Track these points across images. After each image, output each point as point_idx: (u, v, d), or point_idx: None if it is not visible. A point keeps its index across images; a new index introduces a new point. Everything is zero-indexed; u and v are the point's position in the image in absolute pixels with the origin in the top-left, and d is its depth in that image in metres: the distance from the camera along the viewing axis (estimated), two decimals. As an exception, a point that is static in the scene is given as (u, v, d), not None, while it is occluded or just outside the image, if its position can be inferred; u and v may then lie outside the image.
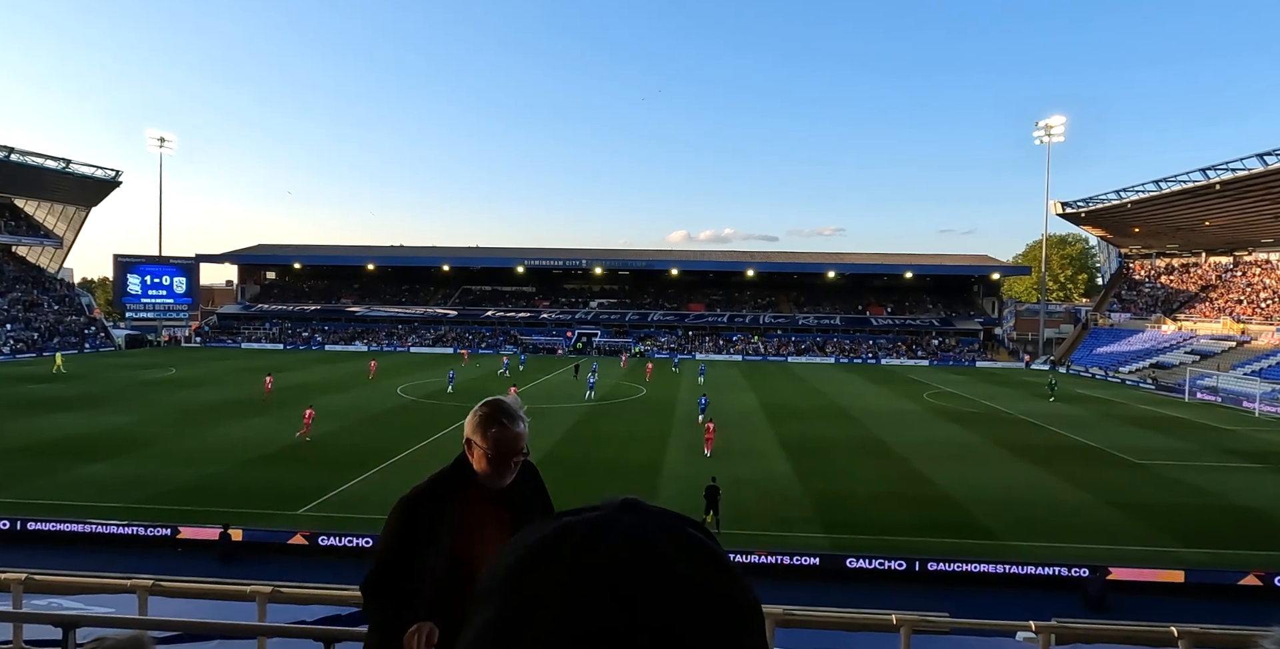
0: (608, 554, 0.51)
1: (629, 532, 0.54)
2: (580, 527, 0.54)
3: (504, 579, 0.53)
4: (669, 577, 0.51)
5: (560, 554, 0.52)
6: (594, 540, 0.53)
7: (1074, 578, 15.77)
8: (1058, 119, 71.69)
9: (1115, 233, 72.85)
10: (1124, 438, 30.98)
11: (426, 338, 73.11)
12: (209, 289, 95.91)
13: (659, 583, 0.50)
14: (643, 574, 0.50)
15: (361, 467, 23.44)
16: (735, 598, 0.53)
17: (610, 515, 0.56)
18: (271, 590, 4.62)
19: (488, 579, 0.54)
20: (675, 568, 0.51)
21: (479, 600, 0.53)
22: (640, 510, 0.57)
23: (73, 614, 2.82)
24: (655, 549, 0.52)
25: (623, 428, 30.90)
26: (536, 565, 0.52)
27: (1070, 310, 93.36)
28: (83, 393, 38.07)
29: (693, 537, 0.56)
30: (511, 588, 0.51)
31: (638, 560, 0.51)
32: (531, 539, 0.55)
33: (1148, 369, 54.81)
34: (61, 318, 66.63)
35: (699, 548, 0.54)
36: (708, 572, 0.53)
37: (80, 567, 9.82)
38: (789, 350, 70.35)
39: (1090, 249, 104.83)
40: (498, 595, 0.52)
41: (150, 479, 21.74)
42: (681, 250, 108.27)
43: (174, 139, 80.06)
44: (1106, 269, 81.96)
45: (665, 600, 0.49)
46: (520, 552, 0.54)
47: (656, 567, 0.51)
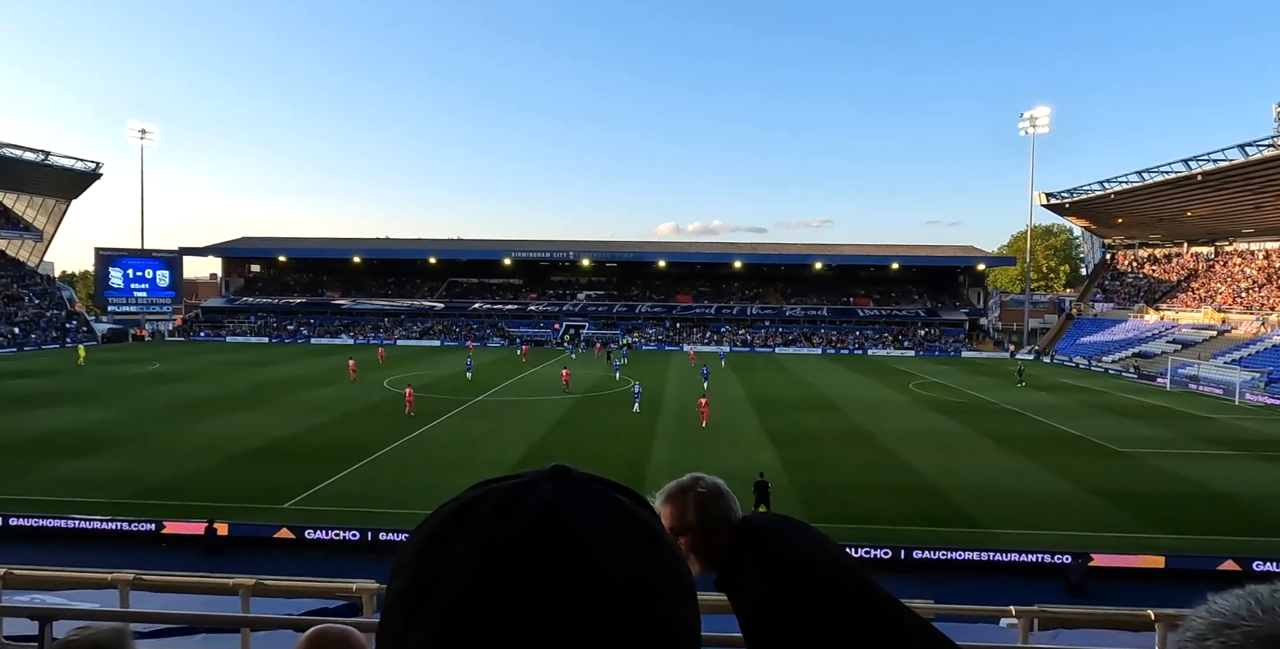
0: (518, 523, 0.51)
1: (545, 499, 0.53)
2: (496, 494, 0.54)
3: (416, 549, 0.53)
4: (578, 545, 0.49)
5: (470, 523, 0.52)
6: (506, 508, 0.52)
7: (1056, 565, 15.97)
8: (1042, 110, 72.03)
9: (1099, 223, 73.41)
10: (1106, 426, 31.32)
11: (413, 331, 72.79)
12: (193, 282, 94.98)
13: (567, 552, 0.49)
14: (551, 543, 0.49)
15: (347, 461, 23.37)
16: (652, 568, 0.51)
17: (530, 482, 0.55)
18: (255, 583, 4.61)
19: (404, 549, 0.54)
20: (587, 536, 0.50)
21: (395, 571, 0.53)
22: (566, 478, 0.56)
23: (49, 608, 2.81)
24: (569, 517, 0.51)
25: (609, 421, 30.94)
26: (447, 534, 0.52)
27: (1054, 300, 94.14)
28: (65, 388, 37.69)
29: (617, 504, 0.54)
30: (422, 557, 0.51)
31: (548, 529, 0.50)
32: (448, 508, 0.54)
33: (1130, 358, 55.38)
34: (42, 312, 65.87)
35: (621, 516, 0.53)
36: (627, 540, 0.52)
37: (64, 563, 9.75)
38: (776, 341, 70.58)
39: (1074, 240, 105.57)
40: (409, 566, 0.52)
41: (134, 475, 21.58)
42: (669, 242, 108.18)
43: (155, 131, 79.12)
44: (1090, 259, 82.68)
45: (572, 570, 0.48)
46: (435, 521, 0.54)
47: (566, 535, 0.50)
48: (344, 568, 14.92)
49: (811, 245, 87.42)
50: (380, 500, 19.56)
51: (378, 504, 19.25)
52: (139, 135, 77.90)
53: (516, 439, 26.69)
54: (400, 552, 0.54)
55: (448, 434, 27.80)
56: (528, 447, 25.52)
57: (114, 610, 3.20)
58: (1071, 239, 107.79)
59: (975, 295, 76.54)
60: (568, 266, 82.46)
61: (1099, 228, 75.10)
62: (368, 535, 17.12)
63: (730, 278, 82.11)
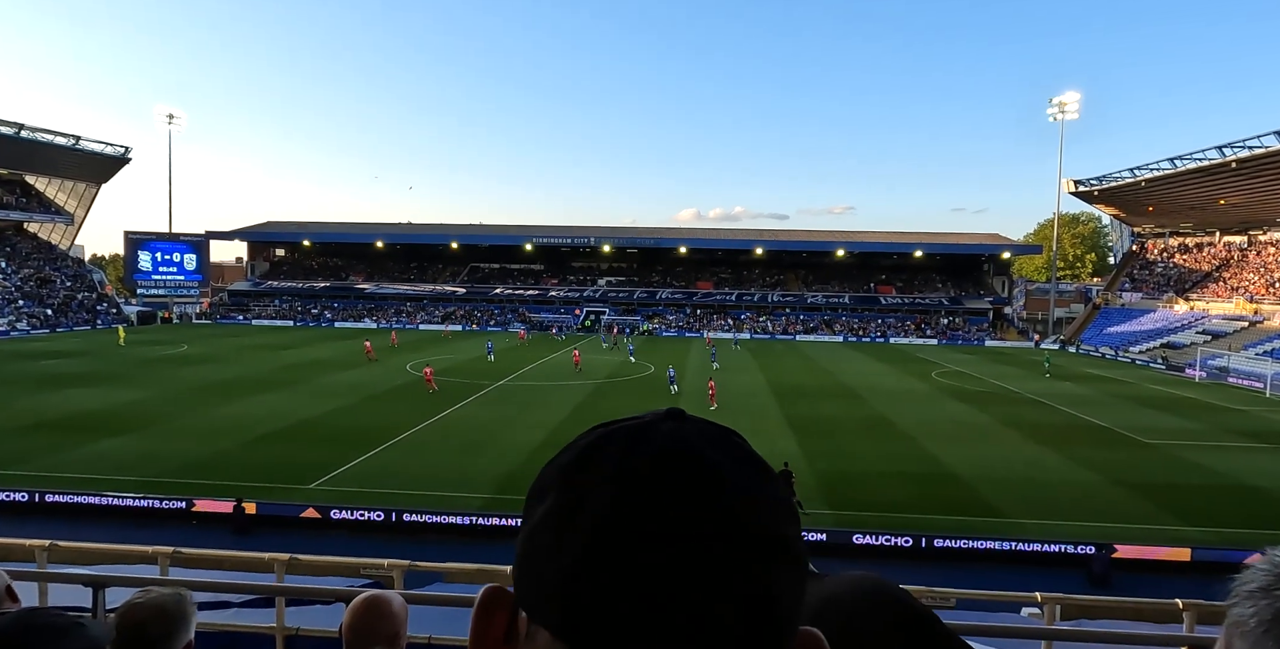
0: (649, 454, 0.57)
1: (670, 434, 0.59)
2: (626, 431, 0.60)
3: (558, 476, 0.59)
4: (704, 473, 0.56)
5: (606, 454, 0.58)
6: (638, 442, 0.58)
7: (1079, 555, 15.87)
8: (1072, 95, 70.62)
9: (1128, 211, 72.08)
10: (1133, 417, 30.93)
11: (435, 315, 73.30)
12: (219, 266, 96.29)
13: (694, 479, 0.55)
14: (679, 471, 0.56)
15: (371, 443, 23.68)
16: (768, 496, 0.58)
17: (655, 421, 0.62)
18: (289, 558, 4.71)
19: (543, 478, 0.61)
20: (710, 465, 0.57)
21: (536, 496, 0.60)
22: (684, 419, 0.63)
23: (102, 575, 2.90)
24: (693, 449, 0.58)
25: (630, 406, 31.04)
26: (585, 464, 0.58)
27: (1081, 290, 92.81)
28: (97, 369, 38.44)
29: (732, 439, 0.61)
30: (566, 483, 0.57)
31: (676, 459, 0.56)
32: (582, 442, 0.61)
33: (1158, 349, 54.54)
34: (74, 294, 67.09)
35: (737, 449, 0.60)
36: (743, 470, 0.58)
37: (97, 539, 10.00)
38: (797, 329, 70.27)
39: (1102, 228, 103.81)
40: (553, 491, 0.58)
41: (164, 454, 22.03)
42: (690, 228, 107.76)
43: (183, 115, 79.91)
44: (1119, 248, 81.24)
45: (699, 495, 0.54)
46: (572, 453, 0.60)
47: (693, 464, 0.56)
48: (369, 548, 15.16)
49: (833, 232, 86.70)
50: (403, 482, 19.82)
51: (401, 486, 19.51)
52: (167, 119, 78.73)
53: (537, 423, 26.87)
54: (541, 478, 0.61)
55: (469, 418, 28.05)
56: (548, 431, 25.70)
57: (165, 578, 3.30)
58: (1100, 227, 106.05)
59: (1000, 284, 75.62)
60: (589, 252, 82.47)
61: (1128, 216, 73.74)
62: (392, 516, 17.38)
63: (751, 265, 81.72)
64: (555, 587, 0.53)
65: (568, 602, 0.52)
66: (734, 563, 0.53)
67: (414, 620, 2.42)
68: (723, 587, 0.52)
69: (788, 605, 0.56)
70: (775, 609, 0.54)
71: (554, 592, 0.53)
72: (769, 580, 0.54)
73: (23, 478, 19.45)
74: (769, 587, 0.54)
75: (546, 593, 0.54)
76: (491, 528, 17.01)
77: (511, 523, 16.98)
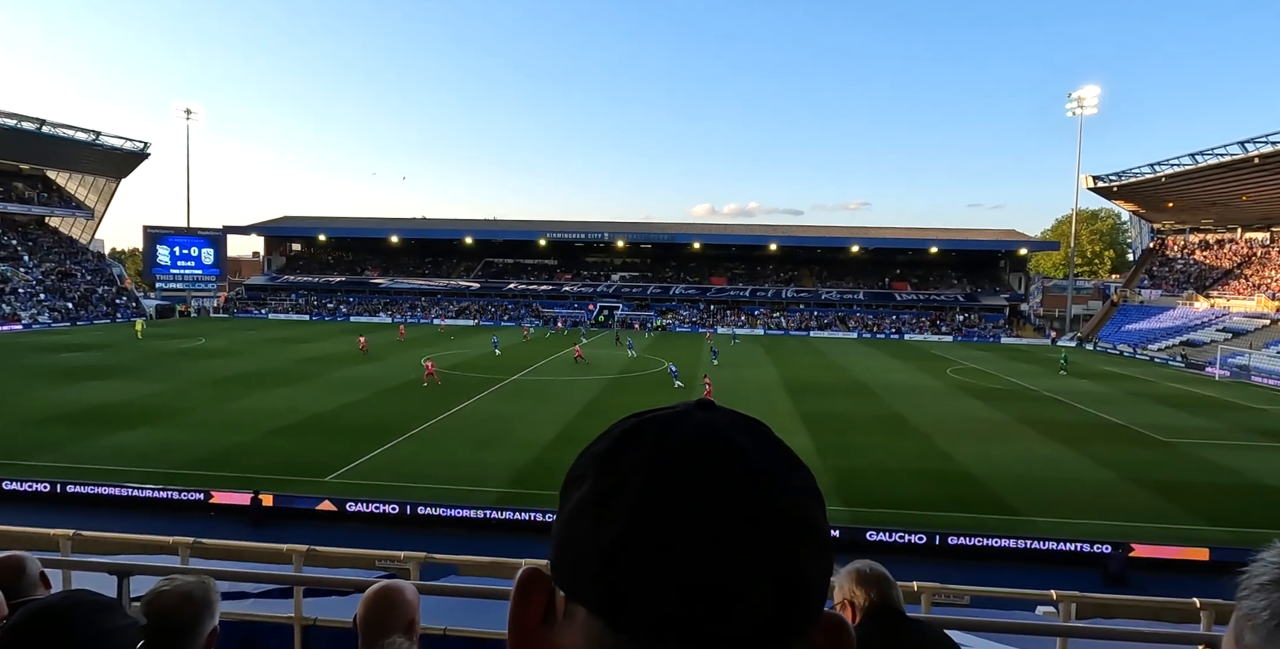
0: (680, 442, 0.59)
1: (701, 422, 0.62)
2: (658, 419, 0.63)
3: (594, 462, 0.61)
4: (735, 459, 0.58)
5: (640, 441, 0.60)
6: (670, 430, 0.61)
7: (1096, 554, 15.76)
8: (1091, 90, 69.81)
9: (1148, 207, 71.22)
10: (1151, 415, 30.62)
11: (450, 310, 73.61)
12: (236, 260, 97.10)
13: (726, 465, 0.58)
14: (711, 457, 0.58)
15: (385, 437, 23.83)
16: (797, 482, 0.60)
17: (686, 411, 0.64)
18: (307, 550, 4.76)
19: (580, 464, 0.64)
20: (740, 452, 0.59)
21: (574, 482, 0.63)
22: (713, 409, 0.65)
23: (126, 564, 2.94)
24: (724, 437, 0.60)
25: (642, 401, 31.04)
26: (619, 453, 0.61)
27: (1099, 286, 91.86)
28: (116, 362, 38.90)
29: (760, 429, 0.64)
30: (600, 469, 0.60)
31: (707, 446, 0.59)
32: (616, 431, 0.63)
33: (1177, 347, 53.92)
34: (94, 288, 67.89)
35: (765, 437, 0.63)
36: (771, 456, 0.61)
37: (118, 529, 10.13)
38: (811, 325, 70.03)
39: (1121, 224, 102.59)
40: (590, 476, 0.61)
41: (183, 446, 22.28)
42: (704, 224, 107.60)
43: (201, 110, 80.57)
44: (1138, 245, 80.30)
45: (731, 480, 0.57)
46: (606, 441, 0.63)
47: (724, 451, 0.59)
48: (384, 540, 15.31)
49: (848, 228, 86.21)
50: (418, 476, 19.94)
51: (415, 479, 19.63)
52: (185, 115, 79.39)
53: (550, 419, 26.94)
54: (577, 465, 0.64)
55: (482, 412, 28.17)
56: (562, 426, 25.76)
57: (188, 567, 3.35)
58: (1119, 223, 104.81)
59: (1016, 280, 75.00)
60: (602, 248, 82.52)
61: (1148, 212, 72.87)
62: (406, 509, 17.51)
63: (765, 260, 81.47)
64: (594, 566, 0.55)
65: (606, 580, 0.55)
66: (765, 543, 0.55)
67: (429, 612, 2.45)
68: (754, 565, 0.54)
69: (816, 585, 0.58)
70: (805, 588, 0.56)
71: (593, 571, 0.56)
72: (798, 561, 0.56)
73: (45, 469, 19.75)
74: (798, 566, 0.56)
75: (585, 573, 0.56)
76: (504, 522, 17.09)
77: (525, 517, 17.05)
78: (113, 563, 3.05)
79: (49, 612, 1.38)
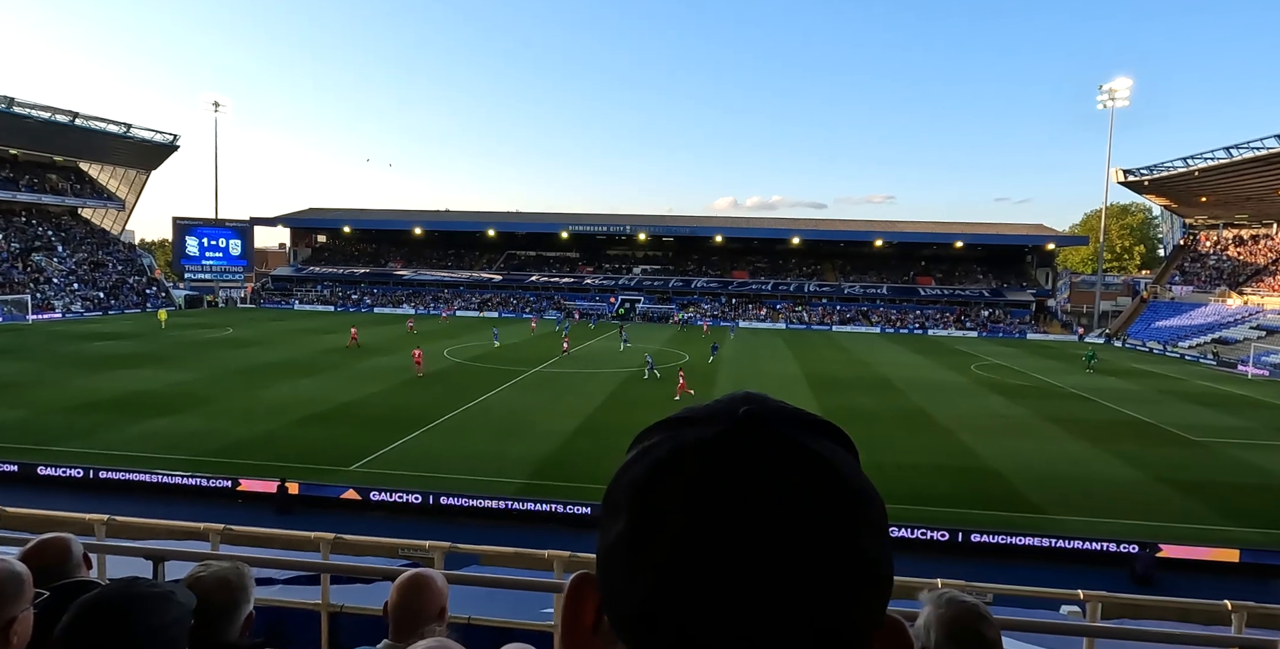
0: (726, 476, 0.54)
1: (746, 454, 0.56)
2: (699, 447, 0.57)
3: (630, 494, 0.57)
4: (781, 504, 0.53)
5: (681, 473, 0.55)
6: (713, 459, 0.56)
7: (1122, 554, 15.55)
8: (1123, 82, 68.48)
9: (1180, 202, 69.82)
10: (1181, 414, 30.10)
11: (472, 302, 74.04)
12: (263, 251, 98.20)
13: (772, 509, 0.53)
14: (755, 502, 0.53)
15: (409, 427, 24.07)
16: (855, 524, 0.55)
17: (730, 433, 0.58)
18: (334, 538, 4.83)
19: (615, 492, 0.59)
20: (789, 492, 0.54)
21: (610, 512, 0.58)
22: (758, 429, 0.58)
23: (161, 549, 3.01)
24: (769, 473, 0.54)
25: (662, 394, 31.06)
26: (659, 482, 0.56)
27: (1129, 282, 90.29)
28: (146, 351, 39.61)
29: (810, 455, 0.57)
30: (637, 502, 0.56)
31: (751, 487, 0.54)
32: (653, 456, 0.58)
33: (1209, 344, 52.90)
34: (125, 278, 69.10)
35: (820, 467, 0.56)
36: (831, 495, 0.55)
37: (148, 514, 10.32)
38: (834, 319, 69.59)
39: (1152, 219, 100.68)
40: (625, 510, 0.56)
41: (211, 434, 22.66)
42: (726, 216, 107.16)
43: (229, 102, 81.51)
44: (1169, 240, 78.77)
45: (776, 525, 0.52)
46: (643, 467, 0.58)
47: (771, 491, 0.53)
48: (407, 529, 15.47)
49: (872, 222, 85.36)
50: (440, 466, 20.12)
51: (438, 469, 19.82)
52: (213, 107, 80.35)
53: (571, 411, 27.04)
54: (613, 492, 0.59)
55: (504, 404, 28.34)
56: (583, 418, 25.86)
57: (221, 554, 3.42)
58: (1149, 218, 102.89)
59: (1043, 276, 73.94)
60: (624, 240, 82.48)
61: (1180, 207, 71.44)
62: (429, 499, 17.68)
63: (788, 254, 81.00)
64: (631, 610, 0.54)
65: (641, 628, 0.53)
66: (812, 604, 0.52)
67: (453, 601, 2.47)
68: (797, 630, 0.51)
69: (867, 628, 0.54)
70: (856, 639, 0.53)
71: (629, 614, 0.54)
72: (851, 615, 0.53)
73: (78, 455, 20.19)
74: (849, 620, 0.53)
75: (623, 613, 0.54)
76: (526, 513, 17.21)
77: (545, 508, 17.15)
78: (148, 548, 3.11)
79: (108, 603, 1.40)
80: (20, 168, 69.24)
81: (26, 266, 61.73)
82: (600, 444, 22.60)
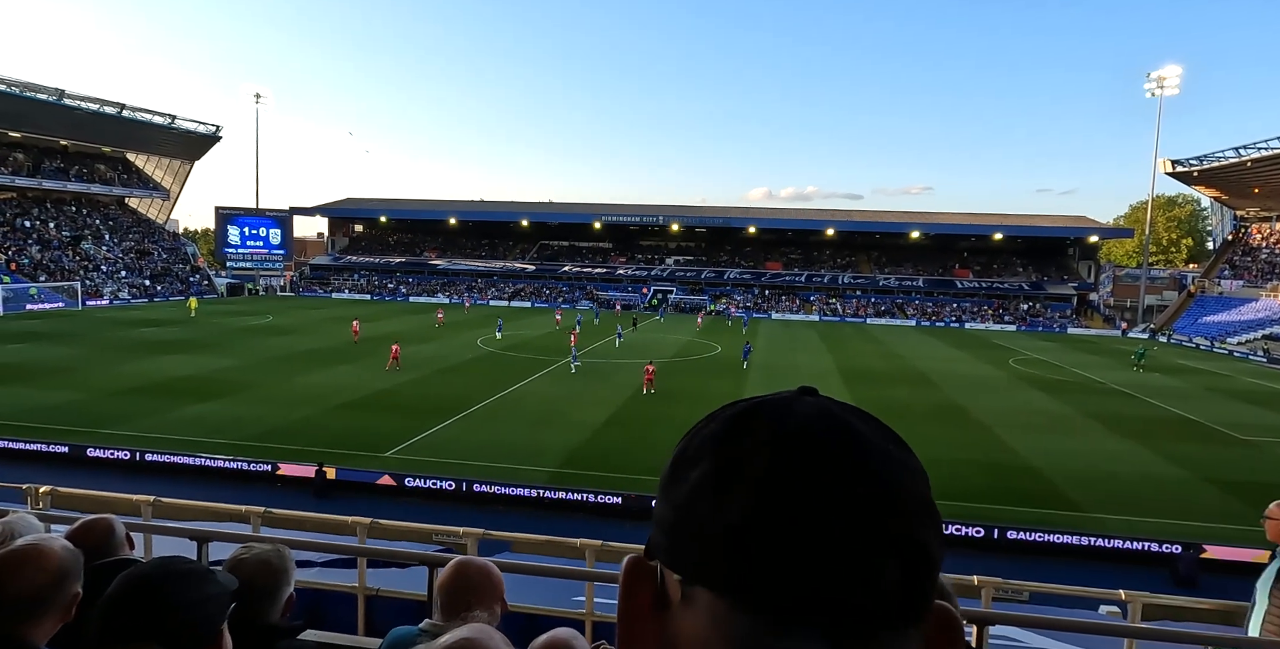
0: (800, 420, 0.59)
1: (813, 405, 0.62)
2: (771, 401, 0.63)
3: (710, 444, 0.60)
4: (852, 437, 0.58)
5: (758, 421, 0.60)
6: (785, 411, 0.61)
7: (1164, 554, 15.20)
8: (1172, 70, 66.36)
9: (1231, 194, 67.59)
10: (1228, 412, 29.26)
11: (505, 292, 74.59)
12: (302, 240, 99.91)
13: (845, 441, 0.58)
14: (830, 435, 0.58)
15: (443, 414, 24.36)
16: (907, 460, 0.60)
17: (796, 396, 0.64)
18: (371, 522, 4.90)
19: (692, 446, 0.62)
20: (856, 430, 0.59)
21: (686, 464, 0.61)
22: (819, 394, 0.65)
23: (205, 530, 3.09)
24: (841, 417, 0.60)
25: (695, 386, 31.03)
26: (735, 434, 0.60)
27: (1175, 276, 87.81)
28: (190, 337, 40.61)
29: (869, 414, 0.63)
30: (718, 450, 0.59)
31: (828, 426, 0.59)
32: (728, 413, 0.63)
33: (1259, 340, 51.28)
34: (169, 266, 70.85)
35: (877, 422, 0.63)
36: (889, 438, 0.61)
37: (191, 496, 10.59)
38: (868, 312, 68.79)
39: (1201, 211, 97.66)
40: (706, 458, 0.59)
41: (251, 419, 23.18)
42: (760, 207, 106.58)
43: (269, 93, 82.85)
44: (1218, 233, 76.33)
45: (852, 455, 0.57)
46: (718, 423, 0.62)
47: (845, 430, 0.59)
48: (440, 515, 15.67)
49: (908, 213, 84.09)
50: (474, 454, 20.35)
51: (471, 457, 20.05)
52: (254, 98, 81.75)
53: (602, 401, 27.13)
54: (686, 448, 0.62)
55: (536, 393, 28.54)
56: (613, 409, 25.95)
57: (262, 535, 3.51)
58: (1198, 210, 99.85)
59: (1086, 269, 72.24)
60: (657, 231, 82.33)
61: (1231, 198, 69.16)
62: (463, 486, 17.90)
63: (822, 245, 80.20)
64: (717, 547, 0.55)
65: (730, 561, 0.54)
66: (893, 522, 0.55)
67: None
68: (883, 544, 0.54)
69: (937, 566, 0.57)
70: (930, 568, 0.56)
71: (716, 552, 0.55)
72: (923, 539, 0.56)
73: (125, 437, 20.80)
74: (924, 545, 0.56)
75: (708, 554, 0.55)
76: (557, 501, 17.34)
77: (577, 497, 17.26)
78: (192, 529, 3.20)
79: (147, 578, 1.47)
80: (70, 158, 71.23)
81: (76, 255, 63.58)
82: (631, 435, 22.67)
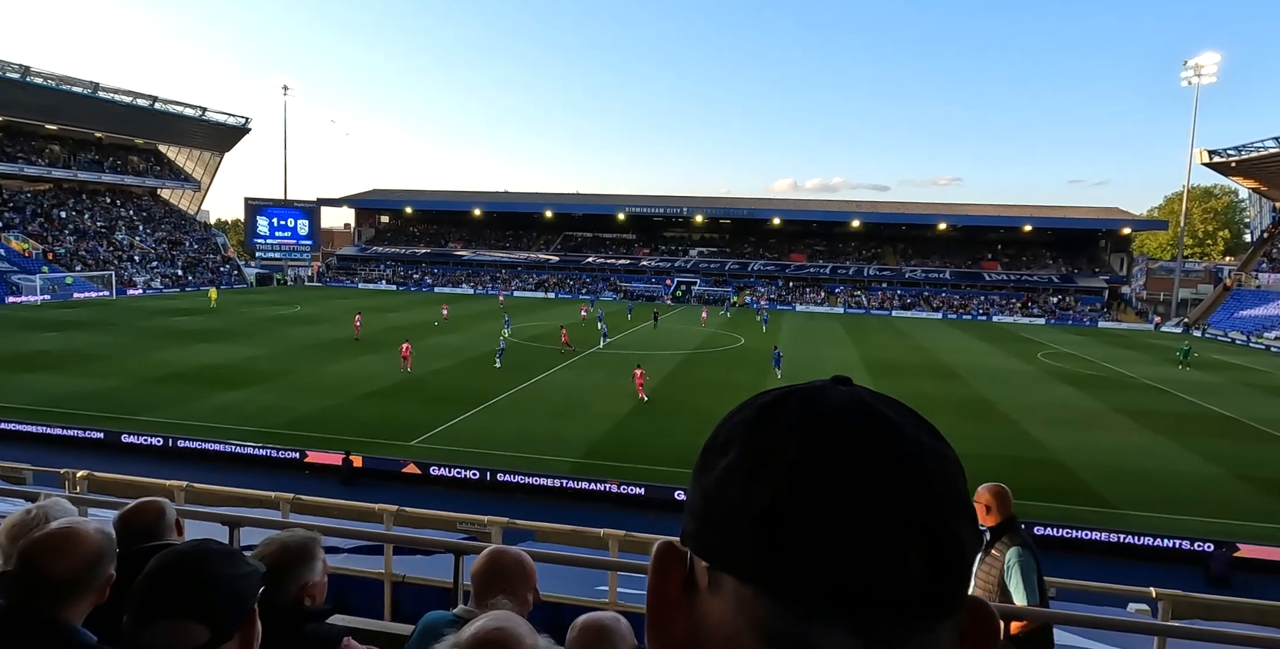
0: (831, 407, 0.59)
1: (846, 392, 0.62)
2: (803, 389, 0.62)
3: (741, 430, 0.60)
4: (885, 423, 0.58)
5: (789, 408, 0.59)
6: (816, 399, 0.60)
7: (1196, 553, 14.93)
8: (1209, 58, 64.55)
9: (1271, 185, 65.86)
10: (1265, 409, 28.60)
11: (529, 283, 74.88)
12: (329, 231, 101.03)
13: (877, 428, 0.57)
14: (862, 421, 0.58)
15: (468, 404, 24.55)
16: (938, 446, 0.60)
17: (828, 385, 0.64)
18: (397, 510, 4.95)
19: (723, 432, 0.62)
20: (889, 418, 0.59)
21: (717, 450, 0.60)
22: (852, 383, 0.65)
23: (237, 515, 3.14)
24: (874, 406, 0.60)
25: (718, 376, 30.96)
26: (766, 420, 0.59)
27: (1210, 269, 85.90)
28: (221, 327, 41.28)
29: (901, 404, 0.63)
30: (750, 436, 0.59)
31: (860, 414, 0.58)
32: (760, 401, 0.62)
33: (1298, 336, 50.09)
34: (200, 256, 72.03)
35: (910, 412, 0.62)
36: (922, 427, 0.61)
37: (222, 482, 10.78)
38: (894, 304, 68.14)
39: (1239, 203, 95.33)
40: (737, 444, 0.59)
41: (280, 407, 23.54)
42: (784, 198, 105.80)
43: (297, 85, 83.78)
44: (1256, 225, 74.47)
45: (884, 442, 0.56)
46: (751, 410, 0.62)
47: (873, 416, 0.58)
48: (464, 504, 15.79)
49: (935, 204, 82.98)
50: (498, 443, 20.50)
51: (495, 446, 20.20)
52: (282, 90, 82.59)
53: (625, 392, 27.14)
54: (720, 434, 0.62)
55: (560, 384, 28.66)
56: (636, 399, 25.96)
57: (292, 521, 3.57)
58: (1235, 202, 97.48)
59: (1118, 261, 70.89)
60: (681, 222, 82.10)
61: (1270, 190, 67.40)
62: (487, 475, 18.05)
63: (847, 237, 79.49)
64: (746, 533, 0.54)
65: (759, 547, 0.53)
66: (925, 511, 0.54)
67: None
68: (914, 533, 0.53)
69: (971, 556, 0.56)
70: (962, 558, 0.55)
71: (745, 538, 0.54)
72: (955, 529, 0.55)
73: (158, 424, 21.22)
74: (956, 535, 0.55)
75: (736, 539, 0.55)
76: (580, 491, 17.42)
77: (600, 487, 17.34)
78: (226, 514, 3.25)
79: (182, 557, 1.51)
80: (104, 150, 72.58)
81: (110, 244, 64.83)
82: (653, 425, 22.69)
